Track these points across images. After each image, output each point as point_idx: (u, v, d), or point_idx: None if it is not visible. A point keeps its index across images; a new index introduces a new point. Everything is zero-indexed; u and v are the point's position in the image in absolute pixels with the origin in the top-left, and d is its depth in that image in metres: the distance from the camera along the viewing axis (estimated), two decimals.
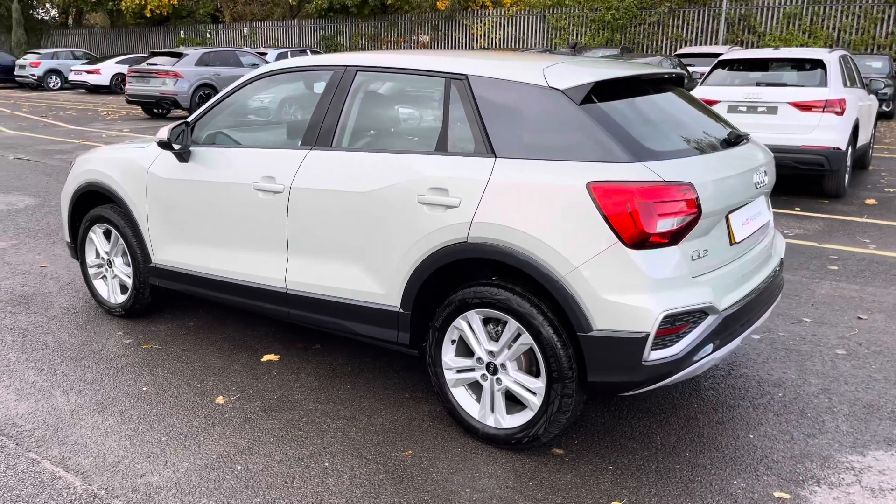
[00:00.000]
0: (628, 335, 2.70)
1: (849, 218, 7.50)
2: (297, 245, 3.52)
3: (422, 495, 2.77)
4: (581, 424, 3.31)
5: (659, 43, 24.07)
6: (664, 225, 2.70)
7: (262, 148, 3.78)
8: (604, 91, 3.02)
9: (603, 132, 2.82)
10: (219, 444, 3.11)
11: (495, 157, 2.97)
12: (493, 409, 3.08)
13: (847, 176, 8.53)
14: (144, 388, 3.62)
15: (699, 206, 2.77)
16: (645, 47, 24.19)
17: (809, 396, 3.59)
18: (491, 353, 3.03)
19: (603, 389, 2.88)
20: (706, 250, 2.87)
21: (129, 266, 4.39)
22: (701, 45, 22.61)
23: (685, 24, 23.59)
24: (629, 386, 2.82)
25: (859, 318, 4.67)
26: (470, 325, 3.06)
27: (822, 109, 7.92)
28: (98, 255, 4.58)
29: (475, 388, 3.15)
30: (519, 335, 2.93)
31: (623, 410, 3.44)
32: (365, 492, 2.78)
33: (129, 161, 4.23)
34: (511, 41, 26.16)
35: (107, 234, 4.49)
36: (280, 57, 21.17)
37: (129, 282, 4.41)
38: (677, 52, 17.96)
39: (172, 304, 4.73)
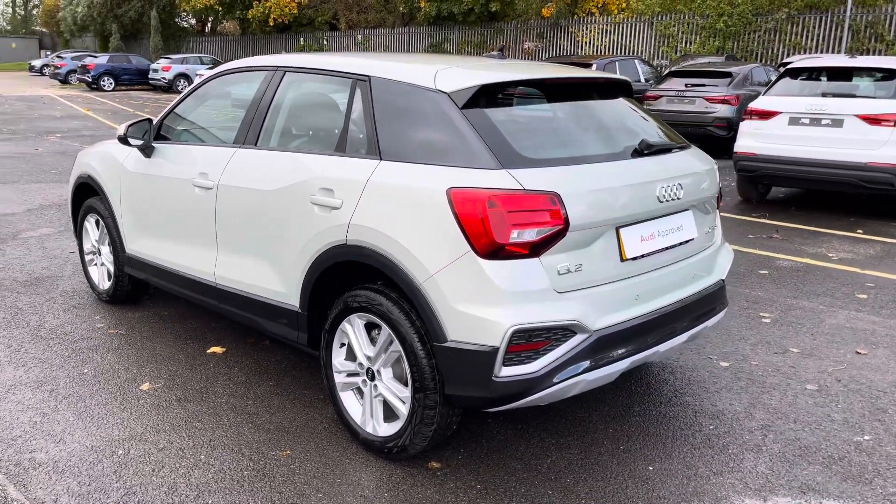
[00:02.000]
0: (478, 348, 2.57)
1: None
2: (223, 240, 3.62)
3: (271, 495, 2.76)
4: (478, 437, 3.19)
5: (775, 51, 22.73)
6: (520, 235, 2.56)
7: (205, 145, 3.91)
8: (495, 95, 2.90)
9: (476, 137, 2.71)
10: (117, 428, 3.24)
11: (380, 158, 2.93)
12: (372, 415, 3.03)
13: None
14: (85, 370, 3.83)
15: (566, 218, 2.60)
16: (759, 56, 22.93)
17: (743, 432, 3.28)
18: (370, 358, 2.99)
19: (462, 404, 2.76)
20: (580, 265, 2.69)
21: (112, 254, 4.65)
22: (821, 53, 21.14)
23: (804, 32, 22.12)
24: (484, 402, 2.69)
25: (857, 352, 4.21)
26: (354, 329, 3.03)
27: (892, 123, 7.21)
28: (91, 243, 4.89)
29: (361, 392, 3.11)
30: (392, 342, 2.86)
31: (528, 427, 3.28)
32: (220, 486, 2.81)
33: (110, 156, 4.49)
34: (617, 48, 25.52)
35: (97, 224, 4.78)
36: None
37: (112, 269, 4.68)
38: (783, 62, 16.89)
39: (159, 294, 4.97)
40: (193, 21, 42.64)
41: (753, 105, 8.22)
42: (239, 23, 37.34)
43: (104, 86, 31.09)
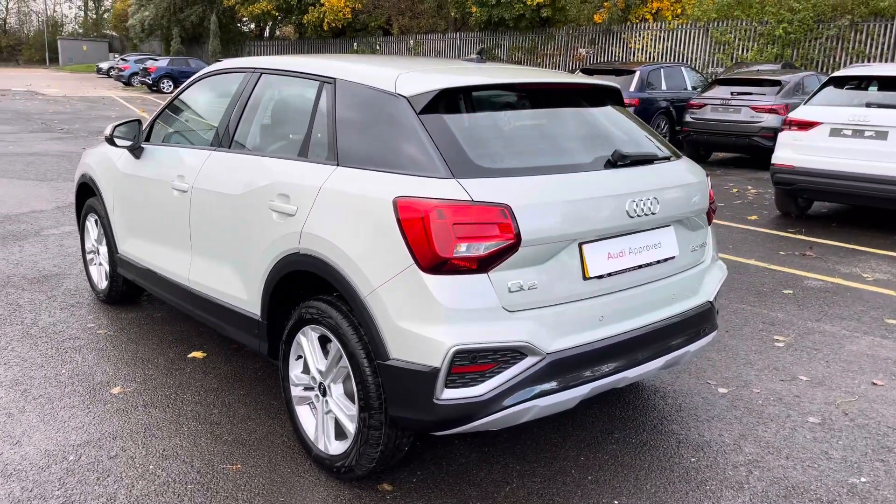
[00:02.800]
0: (419, 368, 2.42)
1: None
2: (196, 244, 3.56)
3: None
4: (439, 460, 3.02)
5: (837, 60, 21.83)
6: (466, 249, 2.39)
7: (185, 147, 3.86)
8: (457, 100, 2.75)
9: (430, 143, 2.56)
10: (76, 433, 3.19)
11: (338, 164, 2.81)
12: (324, 432, 2.90)
13: None
14: (63, 371, 3.81)
15: (517, 232, 2.43)
16: (819, 65, 22.07)
17: (727, 467, 3.03)
18: (321, 373, 2.87)
19: (406, 426, 2.61)
20: (534, 283, 2.50)
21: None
22: (886, 62, 20.19)
23: (869, 40, 21.19)
24: (427, 425, 2.53)
25: (874, 383, 3.89)
26: (308, 341, 2.91)
27: None
28: (91, 243, 4.91)
29: (315, 407, 2.99)
30: (341, 357, 2.73)
31: (494, 451, 3.10)
32: (159, 499, 2.72)
33: (106, 156, 4.49)
34: (670, 56, 24.93)
35: (97, 224, 4.80)
36: None
37: (108, 270, 4.68)
38: (834, 75, 16.16)
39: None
40: (252, 26, 43.52)
41: (793, 115, 7.82)
42: (295, 27, 37.95)
43: (163, 88, 31.93)
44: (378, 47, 33.71)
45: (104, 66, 46.93)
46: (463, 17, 30.92)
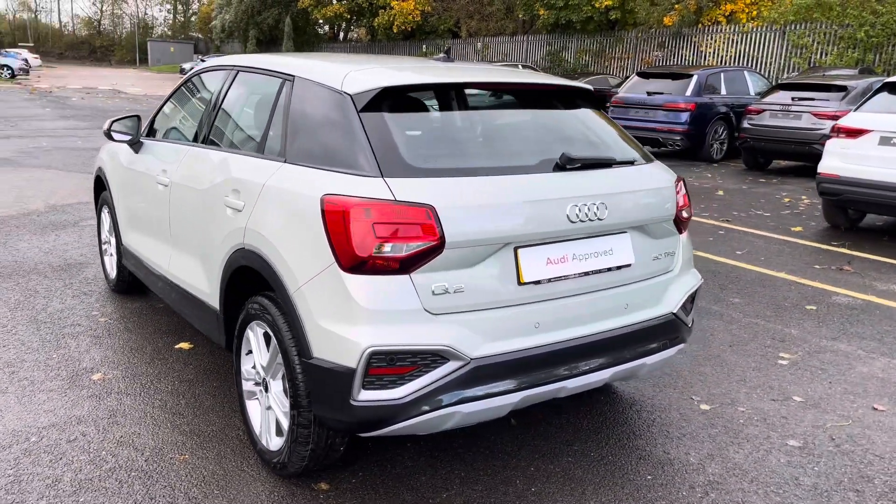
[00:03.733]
0: (337, 368, 2.40)
1: None
2: (174, 236, 3.64)
3: (135, 499, 2.70)
4: (384, 462, 2.99)
5: None
6: (387, 249, 2.35)
7: (171, 143, 3.95)
8: (402, 98, 2.71)
9: (364, 141, 2.53)
10: (45, 416, 3.30)
11: (285, 161, 2.82)
12: (267, 427, 2.91)
13: None
14: (54, 356, 3.96)
15: (441, 234, 2.37)
16: None
17: (683, 487, 2.89)
18: (264, 368, 2.88)
19: (330, 426, 2.58)
20: (461, 286, 2.44)
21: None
22: None
23: None
24: (347, 426, 2.50)
25: (874, 408, 3.64)
26: (254, 336, 2.93)
27: None
28: (105, 234, 5.10)
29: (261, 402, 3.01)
30: (278, 353, 2.74)
31: (443, 455, 3.05)
32: (100, 485, 2.78)
33: (114, 150, 4.65)
34: (744, 59, 24.09)
35: (109, 215, 4.98)
36: None
37: (116, 260, 4.85)
38: (889, 80, 15.26)
39: None
40: (327, 28, 44.44)
41: (841, 122, 7.41)
42: (367, 30, 38.54)
43: None
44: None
45: (186, 66, 48.82)
46: (531, 20, 30.73)
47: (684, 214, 3.11)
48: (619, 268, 2.80)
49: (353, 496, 2.77)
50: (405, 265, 2.37)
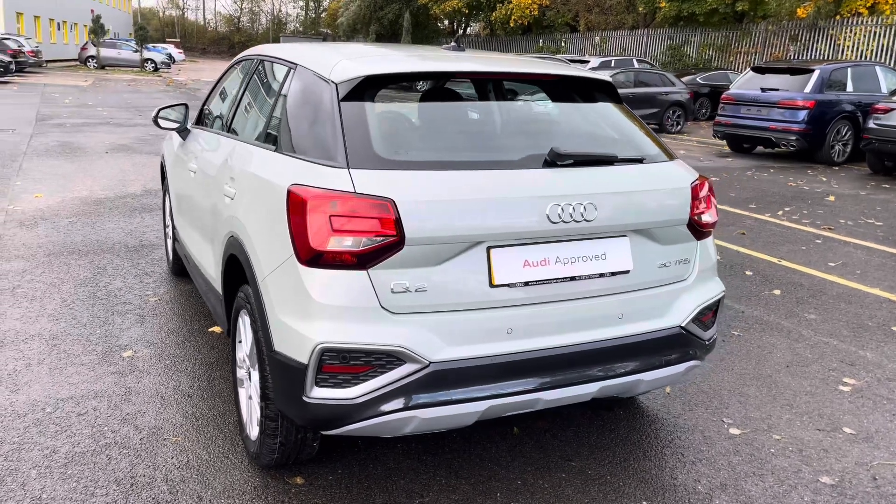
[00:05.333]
0: (291, 363, 2.34)
1: None
2: (196, 220, 3.72)
3: (123, 476, 2.76)
4: (367, 461, 2.91)
5: None
6: (343, 243, 2.26)
7: (205, 131, 4.03)
8: (385, 87, 2.61)
9: (339, 131, 2.45)
10: (67, 389, 3.45)
11: (275, 149, 2.79)
12: (250, 416, 2.91)
13: None
14: (97, 332, 4.16)
15: (401, 229, 2.26)
16: None
17: None
18: (248, 357, 2.87)
19: (294, 421, 2.52)
20: (423, 285, 2.31)
21: None
22: None
23: None
24: (305, 423, 2.43)
25: None
26: (243, 325, 2.93)
27: None
28: (167, 219, 5.32)
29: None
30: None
31: (431, 460, 2.94)
32: (92, 459, 2.86)
33: (171, 139, 4.83)
34: (888, 55, 22.12)
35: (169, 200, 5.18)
36: (603, 65, 21.03)
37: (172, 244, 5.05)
38: None
39: None
40: (447, 22, 44.79)
41: None
42: (484, 24, 38.51)
43: None
44: (563, 44, 33.27)
45: None
46: (652, 13, 29.61)
47: (704, 219, 2.82)
48: (613, 274, 2.57)
49: (325, 493, 2.72)
50: (363, 261, 2.27)
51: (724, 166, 12.05)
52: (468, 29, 44.10)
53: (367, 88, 2.56)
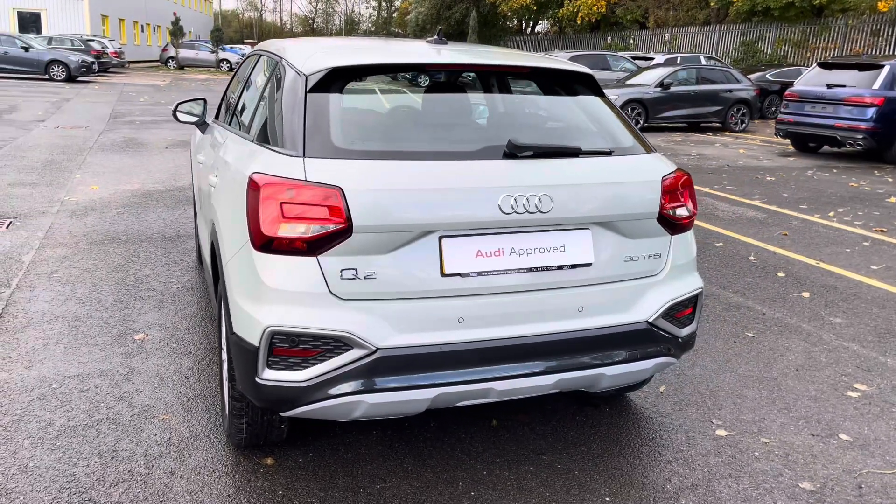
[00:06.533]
0: (245, 345, 2.42)
1: None
2: (200, 212, 3.86)
3: (101, 449, 2.91)
4: (340, 446, 2.98)
5: None
6: (293, 230, 2.33)
7: (215, 124, 4.17)
8: (352, 79, 2.66)
9: (300, 121, 2.52)
10: (74, 366, 3.64)
11: (253, 140, 2.88)
12: (225, 397, 3.01)
13: None
14: (116, 315, 4.37)
15: (348, 217, 2.30)
16: None
17: None
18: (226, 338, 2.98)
19: (256, 402, 2.60)
20: (373, 272, 2.35)
21: None
22: None
23: None
24: (259, 404, 2.51)
25: None
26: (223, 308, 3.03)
27: None
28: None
29: None
30: None
31: (401, 447, 2.98)
32: (81, 433, 3.02)
33: (195, 134, 5.01)
34: None
35: None
36: (668, 62, 20.56)
37: None
38: None
39: None
40: (515, 21, 44.62)
41: None
42: (553, 22, 38.17)
43: None
44: (632, 41, 32.66)
45: None
46: (726, 8, 28.73)
47: (679, 213, 2.76)
48: (573, 266, 2.55)
49: (291, 475, 2.79)
50: (312, 247, 2.33)
51: (782, 166, 11.61)
52: (536, 27, 43.82)
53: (335, 80, 2.62)
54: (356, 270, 2.35)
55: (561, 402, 3.41)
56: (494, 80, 2.87)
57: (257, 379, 2.40)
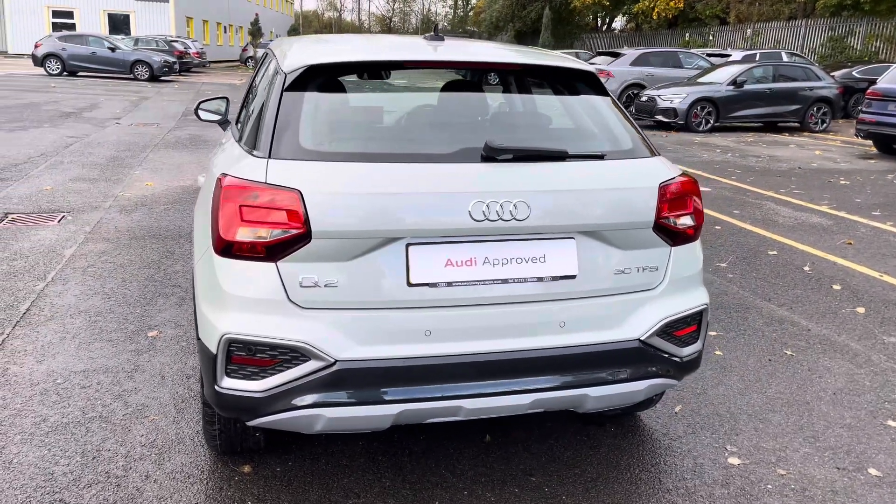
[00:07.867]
0: (206, 351, 2.35)
1: None
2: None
3: (85, 449, 2.90)
4: (321, 457, 2.88)
5: None
6: (252, 233, 2.23)
7: (231, 125, 4.14)
8: (331, 77, 2.55)
9: (272, 120, 2.43)
10: (83, 362, 3.68)
11: (239, 140, 2.81)
12: None
13: None
14: (134, 311, 4.41)
15: (307, 221, 2.19)
16: None
17: None
18: None
19: (218, 410, 2.52)
20: (334, 280, 2.23)
21: None
22: None
23: None
24: (224, 412, 2.42)
25: None
26: None
27: None
28: None
29: None
30: None
31: (383, 461, 2.85)
32: (73, 430, 3.04)
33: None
34: None
35: None
36: (746, 59, 19.70)
37: None
38: None
39: None
40: (590, 18, 43.81)
41: None
42: (629, 18, 37.29)
43: None
44: (711, 38, 31.52)
45: None
46: (813, 1, 27.35)
47: (680, 223, 2.53)
48: (555, 278, 2.36)
49: (264, 484, 2.71)
50: (271, 252, 2.24)
51: (860, 169, 10.89)
52: (612, 24, 42.92)
53: (313, 79, 2.52)
54: (316, 278, 2.24)
55: (562, 419, 3.21)
56: (485, 78, 2.71)
57: (216, 387, 2.32)
